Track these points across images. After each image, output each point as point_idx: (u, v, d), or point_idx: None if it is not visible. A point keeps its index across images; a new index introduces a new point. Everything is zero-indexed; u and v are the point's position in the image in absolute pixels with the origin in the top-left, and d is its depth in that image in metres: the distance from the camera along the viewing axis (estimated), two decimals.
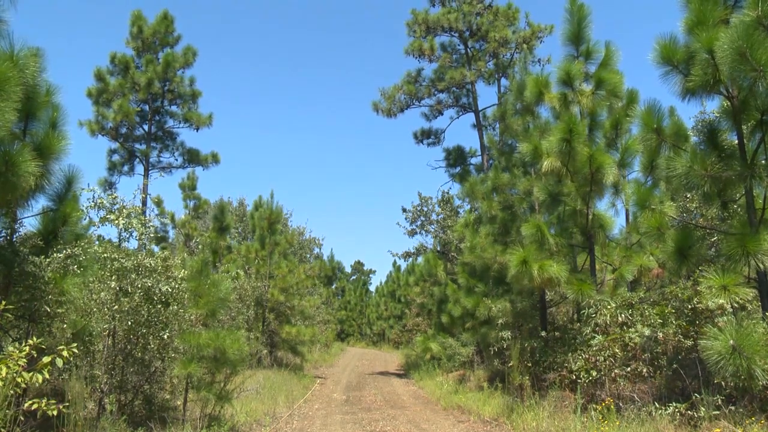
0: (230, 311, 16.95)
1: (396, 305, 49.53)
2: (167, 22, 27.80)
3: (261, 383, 16.24)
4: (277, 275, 25.02)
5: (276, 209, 26.45)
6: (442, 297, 23.53)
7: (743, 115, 8.56)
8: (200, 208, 28.70)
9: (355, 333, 63.48)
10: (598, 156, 12.18)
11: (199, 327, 10.36)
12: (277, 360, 24.15)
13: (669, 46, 8.75)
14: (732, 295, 7.87)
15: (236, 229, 35.99)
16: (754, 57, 7.20)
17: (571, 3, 13.41)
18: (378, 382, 22.45)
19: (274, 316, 24.63)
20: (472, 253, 17.99)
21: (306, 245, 48.70)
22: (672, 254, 9.30)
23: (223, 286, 10.35)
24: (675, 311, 10.27)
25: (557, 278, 12.02)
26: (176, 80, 27.74)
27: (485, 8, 29.94)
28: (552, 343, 13.12)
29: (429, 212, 31.54)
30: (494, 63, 30.15)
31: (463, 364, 20.74)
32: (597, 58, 13.53)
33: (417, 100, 31.03)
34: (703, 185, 8.63)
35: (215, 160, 29.26)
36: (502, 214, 16.59)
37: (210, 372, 10.23)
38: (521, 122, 15.35)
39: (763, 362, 6.58)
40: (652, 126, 9.79)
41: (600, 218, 13.22)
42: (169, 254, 11.13)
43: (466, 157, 31.65)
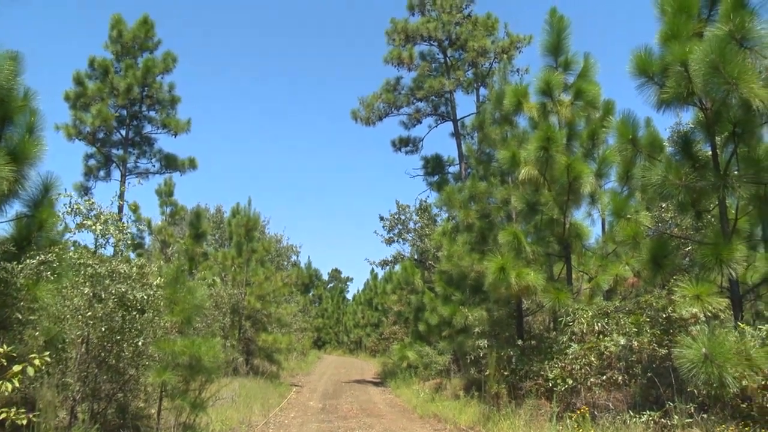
0: (206, 318, 16.80)
1: (373, 313, 49.49)
2: (147, 26, 27.58)
3: (237, 391, 16.12)
4: (253, 282, 24.90)
5: (253, 216, 26.34)
6: (419, 305, 23.54)
7: (716, 126, 8.69)
8: (177, 215, 28.48)
9: (332, 341, 63.26)
10: (575, 165, 12.28)
11: (175, 334, 10.26)
12: (253, 368, 24.00)
13: (644, 58, 8.85)
14: (705, 304, 7.96)
15: (213, 235, 35.76)
16: (727, 70, 7.31)
17: (550, 14, 13.53)
18: (354, 390, 22.39)
19: (250, 324, 24.49)
20: (449, 261, 18.02)
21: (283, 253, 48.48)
22: (647, 263, 9.39)
23: (198, 293, 10.27)
24: (650, 320, 10.35)
25: (534, 286, 12.07)
26: (155, 86, 27.52)
27: (464, 18, 30.08)
28: (528, 352, 13.17)
29: (407, 220, 31.56)
30: (473, 72, 30.28)
31: (440, 373, 20.74)
32: (576, 69, 13.66)
33: (396, 108, 31.07)
34: (677, 195, 8.73)
35: (192, 166, 29.05)
36: (479, 223, 16.64)
37: (185, 380, 10.13)
38: (499, 131, 15.43)
39: (734, 370, 6.65)
40: (627, 137, 9.90)
41: (577, 227, 13.31)
42: (145, 261, 11.03)
43: (444, 166, 31.73)
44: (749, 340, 7.02)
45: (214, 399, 12.72)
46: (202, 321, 15.12)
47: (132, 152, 28.20)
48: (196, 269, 23.72)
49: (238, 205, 26.94)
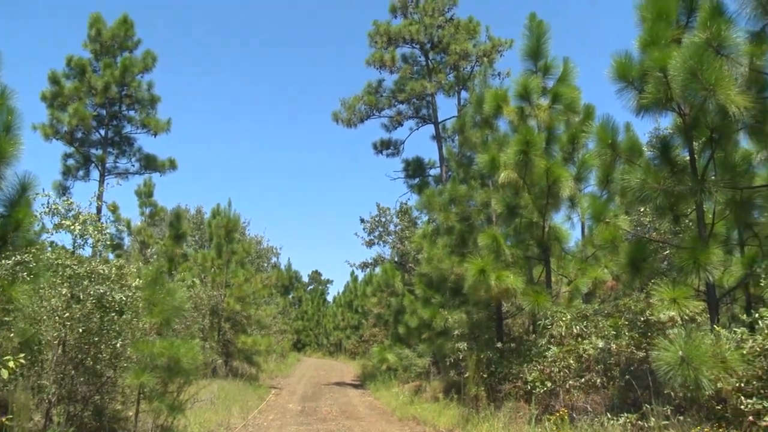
0: (185, 320, 16.70)
1: (353, 315, 49.42)
2: (127, 26, 27.34)
3: (215, 393, 16.03)
4: (233, 284, 24.80)
5: (234, 217, 26.24)
6: (399, 308, 23.55)
7: (694, 131, 8.77)
8: (156, 215, 28.30)
9: (311, 343, 63.14)
10: (555, 169, 12.35)
11: (153, 336, 10.19)
12: (232, 370, 23.88)
13: (624, 63, 8.92)
14: (682, 307, 8.02)
15: (193, 237, 35.57)
16: (705, 76, 7.39)
17: (530, 19, 13.61)
18: (334, 393, 22.35)
19: (230, 326, 24.38)
20: (429, 264, 18.04)
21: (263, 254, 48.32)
22: (625, 267, 9.46)
23: (178, 294, 10.20)
24: (628, 323, 10.44)
25: (514, 289, 12.13)
26: (134, 85, 27.27)
27: (447, 21, 30.17)
28: (508, 354, 13.22)
29: (387, 223, 31.61)
30: (455, 75, 30.36)
31: (419, 375, 20.76)
32: (555, 74, 13.74)
33: (377, 110, 31.07)
34: (656, 199, 8.80)
35: (173, 167, 28.83)
36: (459, 226, 16.68)
37: (163, 382, 10.06)
38: (480, 135, 15.48)
39: (709, 373, 6.72)
40: (607, 141, 9.96)
41: (556, 231, 13.38)
42: (124, 262, 10.95)
43: (425, 169, 31.78)
44: (724, 342, 7.09)
45: (193, 401, 12.64)
46: (181, 322, 15.02)
47: (111, 152, 27.94)
48: (176, 270, 23.56)
49: (219, 206, 26.85)
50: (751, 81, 8.31)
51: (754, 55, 8.17)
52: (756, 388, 6.92)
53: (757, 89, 8.42)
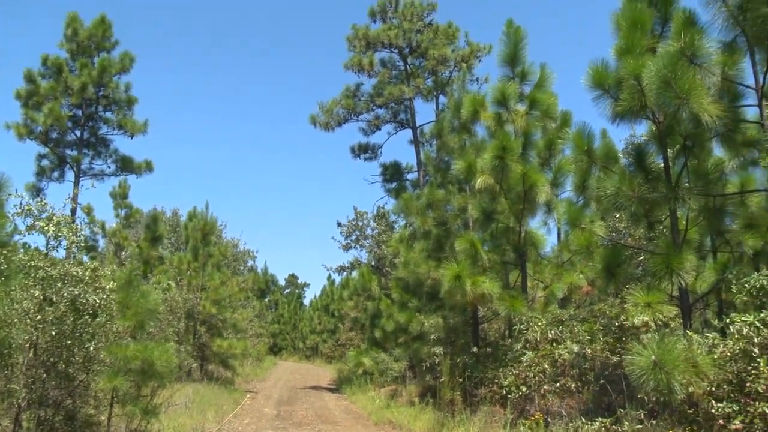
0: (160, 323, 16.58)
1: (330, 319, 49.33)
2: (105, 26, 27.05)
3: (190, 397, 15.92)
4: (209, 287, 24.64)
5: (210, 220, 26.10)
6: (375, 312, 23.56)
7: (669, 139, 8.89)
8: (132, 218, 28.01)
9: (288, 347, 62.89)
10: (531, 174, 12.42)
11: (127, 339, 10.10)
12: (207, 373, 23.73)
13: (600, 71, 9.02)
14: (656, 312, 8.12)
15: (169, 239, 35.30)
16: (678, 85, 7.49)
17: (507, 26, 13.68)
18: (310, 397, 22.28)
19: (205, 329, 24.22)
20: (406, 268, 18.07)
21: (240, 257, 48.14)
22: (600, 272, 9.54)
23: (152, 297, 10.12)
24: (603, 328, 10.52)
25: (490, 294, 12.18)
26: (112, 86, 26.98)
27: (425, 26, 30.28)
28: (483, 359, 13.27)
29: (364, 227, 31.61)
30: (433, 80, 30.45)
31: (396, 379, 20.79)
32: (532, 80, 13.83)
33: (355, 114, 31.10)
34: (631, 206, 8.89)
35: (149, 169, 28.56)
36: (436, 230, 16.73)
37: (137, 385, 9.97)
38: (458, 140, 15.53)
39: (681, 377, 6.80)
40: (583, 148, 10.07)
41: (532, 236, 13.47)
42: (98, 264, 10.83)
43: (403, 173, 31.85)
44: (696, 347, 7.18)
45: (167, 405, 12.54)
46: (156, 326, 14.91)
47: (87, 153, 27.61)
48: (151, 273, 23.39)
49: (195, 209, 26.67)
50: (723, 90, 8.47)
51: (726, 65, 8.33)
52: (726, 392, 7.02)
53: (729, 98, 8.58)
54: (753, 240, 9.76)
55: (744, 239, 9.85)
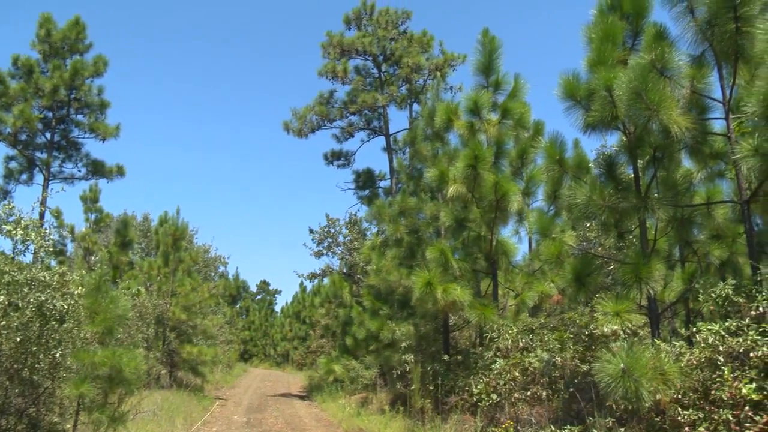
0: (129, 329, 16.38)
1: (301, 326, 49.14)
2: (79, 28, 26.71)
3: (159, 404, 15.73)
4: (179, 293, 24.40)
5: (181, 226, 25.87)
6: (346, 319, 23.51)
7: (639, 150, 9.00)
8: (102, 222, 27.67)
9: (259, 354, 62.49)
10: (503, 183, 12.51)
11: (95, 345, 9.96)
12: (177, 380, 23.47)
13: (572, 82, 9.11)
14: (625, 321, 8.20)
15: (140, 244, 34.93)
16: (649, 97, 7.60)
17: (483, 35, 13.77)
18: (280, 404, 22.15)
19: (175, 335, 23.97)
20: (377, 275, 18.07)
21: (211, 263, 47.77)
22: (571, 281, 9.61)
23: (121, 302, 10.01)
24: (573, 336, 10.60)
25: (461, 302, 12.22)
26: (84, 89, 26.64)
27: (400, 34, 30.37)
28: (454, 367, 13.30)
29: (336, 234, 31.53)
30: (407, 88, 30.52)
31: (366, 387, 20.73)
32: (506, 89, 13.92)
33: (329, 121, 31.06)
34: (601, 215, 8.98)
35: (120, 173, 28.24)
36: (408, 238, 16.75)
37: (104, 392, 9.83)
38: (431, 148, 15.60)
39: (649, 385, 6.87)
40: (554, 157, 10.16)
41: (504, 245, 13.54)
42: (66, 269, 10.67)
43: (376, 180, 31.84)
44: (664, 355, 7.26)
45: (135, 412, 12.38)
46: (125, 331, 14.74)
47: (57, 156, 27.23)
48: (121, 278, 23.13)
49: (166, 214, 26.38)
50: (692, 103, 8.61)
51: (694, 78, 8.48)
52: (692, 399, 7.11)
53: (698, 111, 8.73)
54: (719, 250, 9.93)
55: (711, 249, 10.01)
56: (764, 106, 7.42)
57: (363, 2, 30.65)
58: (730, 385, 6.65)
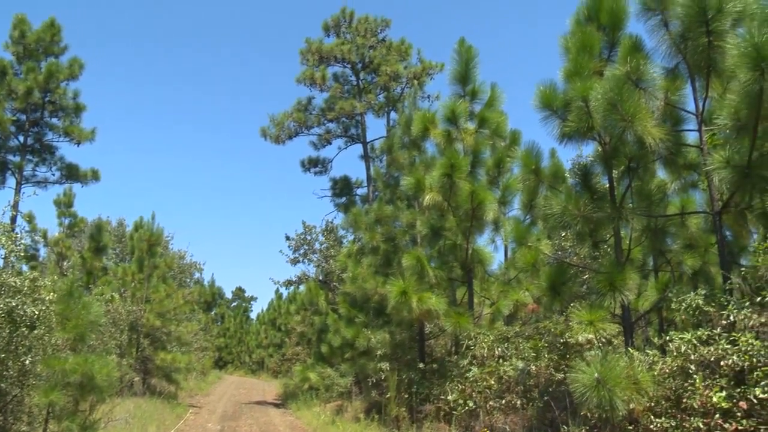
0: (102, 335, 16.19)
1: (276, 333, 48.85)
2: (54, 30, 26.39)
3: (131, 412, 15.54)
4: (154, 299, 24.16)
5: (157, 231, 25.64)
6: (322, 326, 23.42)
7: (614, 160, 9.09)
8: (76, 227, 27.31)
9: (234, 361, 62.01)
10: (479, 192, 12.55)
11: (67, 352, 9.83)
12: (150, 388, 23.20)
13: (549, 93, 9.18)
14: (599, 330, 8.25)
15: (114, 250, 34.53)
16: (624, 108, 7.68)
17: (459, 44, 13.84)
18: (255, 412, 21.99)
19: (149, 342, 23.72)
20: (353, 283, 18.04)
21: (186, 269, 47.38)
22: (546, 290, 9.66)
23: (94, 308, 9.89)
24: (548, 345, 10.66)
25: (436, 310, 12.23)
26: (59, 91, 26.31)
27: (379, 42, 30.46)
28: (429, 375, 13.30)
29: (312, 241, 31.48)
30: (385, 96, 30.58)
31: (341, 395, 20.65)
32: (483, 98, 14.00)
33: (306, 128, 31.02)
34: (576, 225, 9.04)
35: (95, 177, 27.93)
36: (384, 246, 16.75)
37: (75, 400, 9.69)
38: (408, 156, 15.62)
39: (623, 394, 6.92)
40: (530, 167, 10.23)
41: (479, 253, 13.58)
42: (38, 274, 10.52)
43: (352, 188, 31.83)
44: (637, 364, 7.32)
45: (106, 420, 12.23)
46: (97, 338, 14.56)
47: (30, 160, 26.86)
48: (95, 284, 22.82)
49: (142, 219, 26.14)
50: (666, 114, 8.72)
51: (669, 90, 8.59)
52: (664, 408, 7.18)
53: (672, 123, 8.84)
54: (692, 260, 10.04)
55: (684, 259, 10.12)
56: (735, 119, 7.54)
57: (342, 10, 30.72)
58: (702, 393, 6.71)
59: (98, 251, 23.99)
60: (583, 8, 9.37)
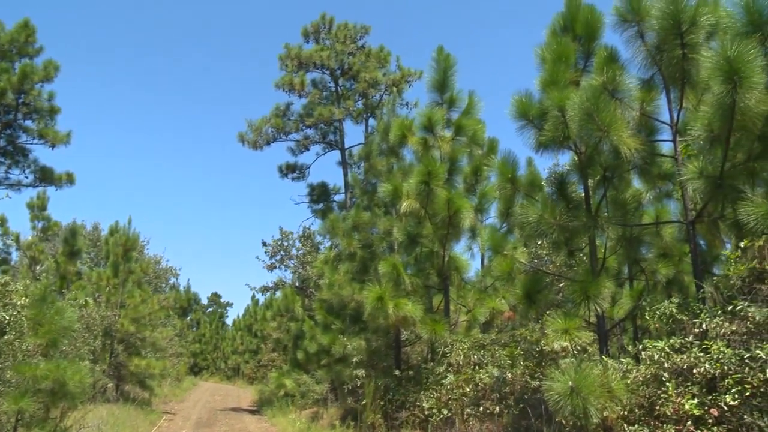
0: (75, 341, 15.99)
1: (252, 340, 48.59)
2: (28, 31, 26.05)
3: (104, 419, 15.36)
4: (129, 305, 23.92)
5: (132, 236, 25.41)
6: (298, 333, 23.35)
7: (589, 170, 9.16)
8: (50, 230, 27.00)
9: (209, 367, 61.55)
10: (456, 200, 12.59)
11: (38, 358, 9.70)
12: (123, 394, 22.97)
13: (525, 102, 9.23)
14: (574, 338, 8.30)
15: (89, 254, 34.22)
16: (600, 118, 7.76)
17: (438, 52, 13.90)
18: (229, 419, 21.84)
19: (123, 348, 23.48)
20: (330, 289, 18.00)
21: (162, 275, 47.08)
22: (521, 298, 9.70)
23: (67, 314, 9.77)
24: (524, 353, 10.70)
25: (412, 317, 12.24)
26: (33, 93, 25.97)
27: (358, 49, 30.49)
28: (405, 382, 13.29)
29: (289, 247, 31.38)
30: (363, 103, 30.61)
31: (317, 402, 20.59)
32: (461, 107, 14.06)
33: (284, 134, 30.94)
34: (552, 233, 9.09)
35: (70, 181, 27.59)
36: (361, 253, 16.74)
37: (45, 407, 9.56)
38: (385, 163, 15.63)
39: (597, 402, 6.96)
40: (507, 176, 10.28)
41: (456, 261, 13.62)
42: (10, 278, 10.39)
43: (330, 194, 31.79)
44: (611, 372, 7.37)
45: (78, 427, 12.08)
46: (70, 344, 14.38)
47: (3, 162, 26.51)
48: (68, 289, 22.59)
49: (117, 224, 25.85)
50: (641, 125, 8.81)
51: (644, 101, 8.68)
52: (638, 415, 7.23)
53: (647, 133, 8.94)
54: (666, 269, 10.15)
55: (658, 268, 10.22)
56: (709, 131, 7.66)
57: (322, 16, 30.72)
58: (674, 401, 6.78)
59: (72, 255, 23.75)
60: (558, 19, 9.46)
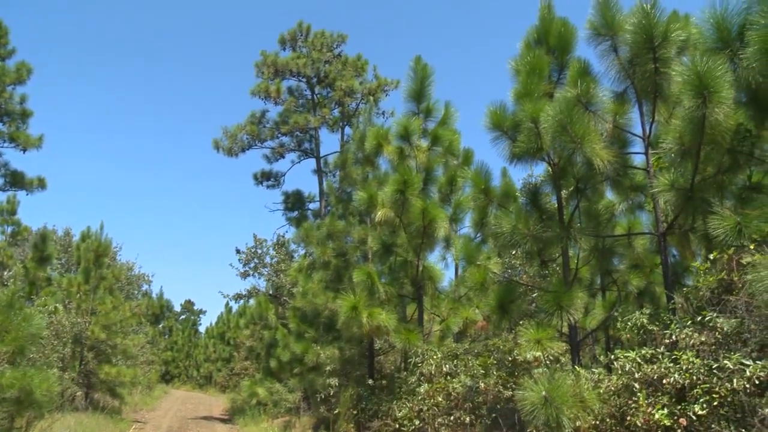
0: (43, 348, 15.76)
1: (225, 348, 48.25)
2: (0, 32, 25.75)
3: (72, 428, 15.14)
4: (100, 311, 23.59)
5: (104, 242, 25.09)
6: (271, 341, 23.22)
7: (563, 181, 9.24)
8: (19, 235, 26.66)
9: (181, 375, 60.96)
10: (431, 209, 12.62)
11: (4, 365, 9.53)
12: (93, 402, 22.63)
13: (499, 113, 9.29)
14: (546, 348, 8.34)
15: (59, 260, 33.76)
16: (574, 130, 7.83)
17: (415, 62, 13.95)
18: (201, 428, 21.63)
19: (93, 355, 23.14)
20: (304, 298, 17.94)
21: (134, 281, 46.55)
22: (495, 308, 9.73)
23: (35, 320, 9.60)
24: (496, 362, 10.73)
25: (386, 326, 12.23)
26: (5, 95, 25.65)
27: (335, 57, 30.53)
28: (378, 391, 13.27)
29: (263, 255, 31.22)
30: (339, 111, 30.66)
31: (290, 410, 20.48)
32: (437, 116, 14.13)
33: (260, 141, 30.88)
34: (525, 244, 9.15)
35: (41, 185, 27.27)
36: (335, 261, 16.71)
37: (10, 416, 9.38)
38: (361, 172, 15.64)
39: (569, 411, 7.00)
40: (481, 186, 10.34)
41: (430, 270, 13.64)
42: None
43: (305, 202, 31.77)
44: (584, 382, 7.41)
45: None
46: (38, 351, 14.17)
47: None
48: (37, 295, 22.26)
49: (89, 229, 25.52)
50: (614, 137, 8.91)
51: (617, 114, 8.78)
52: (609, 425, 7.28)
53: (620, 145, 9.03)
54: (637, 280, 10.26)
55: (630, 279, 10.33)
56: (680, 144, 7.76)
57: (299, 24, 30.75)
58: (645, 410, 6.83)
59: (42, 261, 23.42)
60: (533, 32, 9.54)
